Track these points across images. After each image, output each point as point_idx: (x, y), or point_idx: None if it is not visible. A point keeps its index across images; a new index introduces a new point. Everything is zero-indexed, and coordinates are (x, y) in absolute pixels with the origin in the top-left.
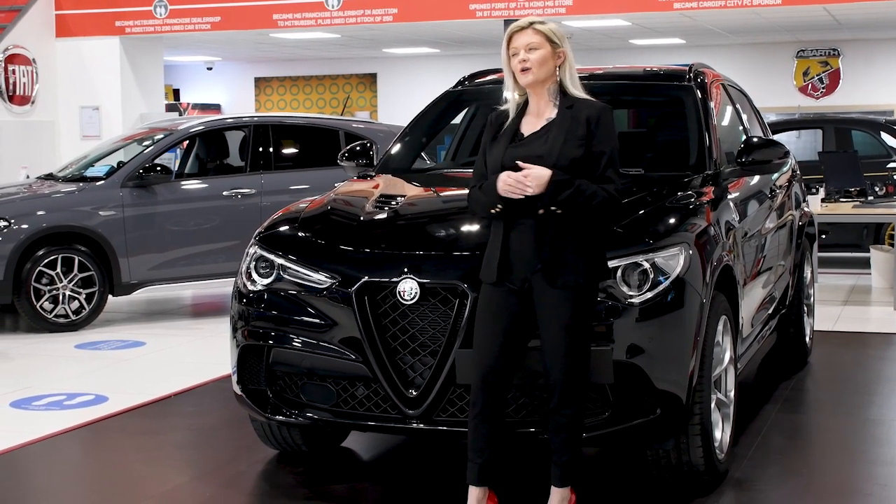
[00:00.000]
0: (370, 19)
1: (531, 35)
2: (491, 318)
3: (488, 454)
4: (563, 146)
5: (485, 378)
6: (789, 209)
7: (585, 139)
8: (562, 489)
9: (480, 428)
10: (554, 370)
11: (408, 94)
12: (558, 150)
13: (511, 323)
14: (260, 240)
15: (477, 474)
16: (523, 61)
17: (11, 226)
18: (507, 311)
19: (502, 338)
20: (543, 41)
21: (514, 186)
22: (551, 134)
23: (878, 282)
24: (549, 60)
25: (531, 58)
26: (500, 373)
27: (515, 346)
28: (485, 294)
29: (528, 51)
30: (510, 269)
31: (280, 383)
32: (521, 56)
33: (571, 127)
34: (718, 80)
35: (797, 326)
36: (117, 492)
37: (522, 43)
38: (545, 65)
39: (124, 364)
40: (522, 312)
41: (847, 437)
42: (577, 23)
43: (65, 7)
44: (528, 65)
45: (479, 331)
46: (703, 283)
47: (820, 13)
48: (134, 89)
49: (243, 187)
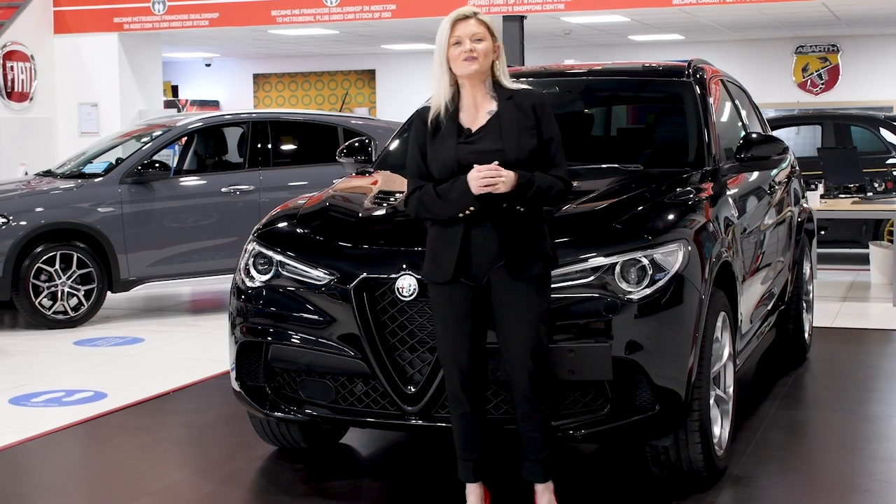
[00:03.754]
0: (368, 15)
1: (476, 25)
2: (454, 319)
3: (480, 451)
4: (518, 138)
5: (463, 379)
6: (788, 205)
7: (535, 128)
8: (546, 483)
9: (470, 427)
10: (523, 367)
11: (406, 91)
12: (516, 142)
13: (475, 321)
14: (258, 236)
15: (473, 471)
16: (470, 51)
17: (10, 222)
18: (469, 309)
19: (471, 336)
20: (486, 32)
21: (491, 179)
22: (503, 127)
23: (877, 278)
24: (490, 52)
25: (478, 48)
26: (476, 372)
27: (483, 344)
28: (440, 294)
29: (473, 41)
30: (468, 266)
31: (279, 380)
32: (467, 46)
33: (519, 118)
34: (717, 76)
35: (796, 323)
36: (116, 488)
37: (468, 32)
38: (488, 56)
39: (123, 361)
40: (481, 309)
41: (846, 433)
42: (576, 19)
43: (63, 3)
44: (475, 54)
45: (445, 333)
46: (701, 279)
47: (819, 9)
48: (132, 86)
49: (242, 184)
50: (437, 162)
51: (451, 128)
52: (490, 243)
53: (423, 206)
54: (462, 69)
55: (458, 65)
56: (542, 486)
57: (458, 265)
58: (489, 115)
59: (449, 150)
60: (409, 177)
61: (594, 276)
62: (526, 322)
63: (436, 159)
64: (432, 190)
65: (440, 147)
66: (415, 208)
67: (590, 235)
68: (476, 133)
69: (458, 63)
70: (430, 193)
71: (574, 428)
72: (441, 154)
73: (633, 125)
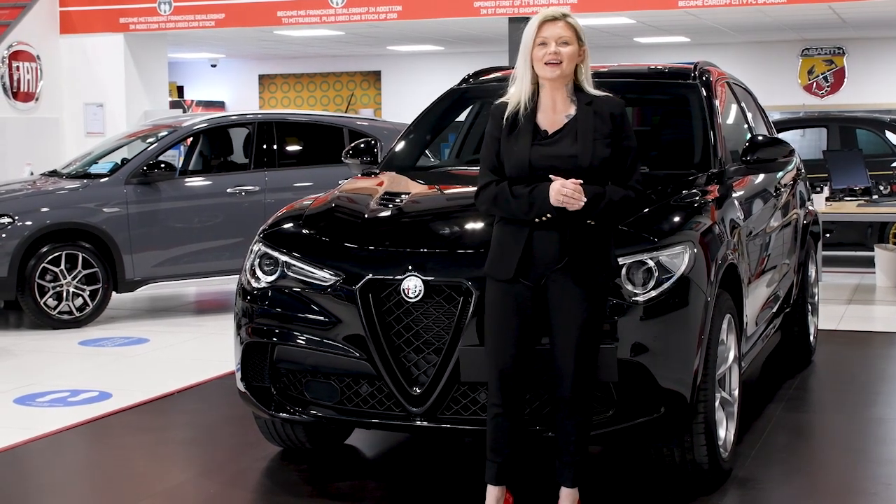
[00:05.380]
0: (374, 17)
1: (564, 28)
2: (505, 317)
3: (508, 453)
4: (594, 145)
5: (502, 377)
6: (794, 208)
7: (612, 136)
8: (573, 489)
9: (502, 427)
10: (569, 370)
11: (412, 92)
12: (591, 149)
13: (525, 321)
14: (264, 237)
15: (496, 473)
16: (555, 54)
17: (15, 222)
18: (521, 309)
19: (518, 336)
20: (574, 36)
21: (569, 198)
22: (579, 132)
23: (883, 281)
24: (575, 57)
25: (563, 51)
26: (517, 371)
27: (529, 345)
28: (495, 291)
29: (559, 44)
30: (529, 267)
31: (284, 380)
32: (552, 48)
33: (597, 125)
34: (723, 78)
35: (801, 325)
36: (121, 488)
37: (554, 35)
38: (573, 61)
39: (128, 361)
40: (535, 311)
41: (851, 435)
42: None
43: (69, 4)
44: (560, 58)
45: (493, 329)
46: (707, 281)
47: (825, 12)
48: (138, 86)
49: (247, 184)
50: (510, 160)
51: (527, 127)
52: (552, 245)
53: (496, 204)
54: (545, 73)
55: (542, 67)
56: (568, 491)
57: (519, 264)
58: (567, 119)
59: (523, 151)
60: (483, 170)
61: None
62: (577, 327)
63: (509, 157)
64: (508, 189)
65: (514, 146)
66: (486, 203)
67: None
68: (552, 136)
69: (541, 65)
70: (506, 192)
71: None
72: (515, 153)
73: (639, 127)
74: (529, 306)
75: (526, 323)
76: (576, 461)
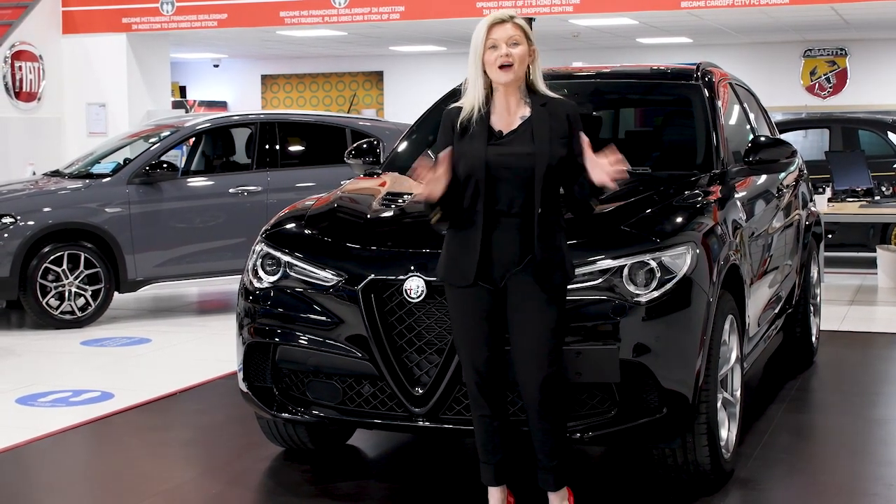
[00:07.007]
0: (377, 17)
1: (512, 28)
2: (472, 322)
3: (501, 454)
4: (551, 145)
5: (481, 381)
6: (796, 208)
7: (567, 137)
8: (559, 492)
9: (490, 429)
10: (534, 374)
11: (414, 92)
12: (548, 149)
13: (493, 323)
14: (266, 237)
15: (494, 475)
16: (506, 56)
17: (17, 222)
18: (487, 312)
19: (488, 339)
20: (523, 36)
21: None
22: (535, 132)
23: (885, 282)
24: (526, 57)
25: (514, 52)
26: (494, 373)
27: (501, 346)
28: (457, 297)
29: (510, 45)
30: (489, 269)
31: (286, 381)
32: (503, 50)
33: (553, 125)
34: (726, 79)
35: (803, 326)
36: (123, 488)
37: (504, 36)
38: (524, 61)
39: (130, 361)
40: (498, 311)
41: (853, 436)
42: (585, 21)
43: (71, 3)
44: (511, 60)
45: (463, 336)
46: (709, 282)
47: (827, 12)
48: (140, 86)
49: (249, 184)
50: (465, 161)
51: (481, 130)
52: (509, 246)
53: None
54: (498, 77)
55: (495, 72)
56: (555, 494)
57: (478, 268)
58: (521, 120)
59: (479, 150)
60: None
61: (602, 279)
62: (539, 332)
63: (464, 158)
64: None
65: (469, 147)
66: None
67: (598, 238)
68: (507, 136)
69: (494, 69)
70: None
71: (581, 430)
72: (469, 153)
73: (642, 128)
74: (493, 309)
75: (493, 324)
76: (553, 466)
